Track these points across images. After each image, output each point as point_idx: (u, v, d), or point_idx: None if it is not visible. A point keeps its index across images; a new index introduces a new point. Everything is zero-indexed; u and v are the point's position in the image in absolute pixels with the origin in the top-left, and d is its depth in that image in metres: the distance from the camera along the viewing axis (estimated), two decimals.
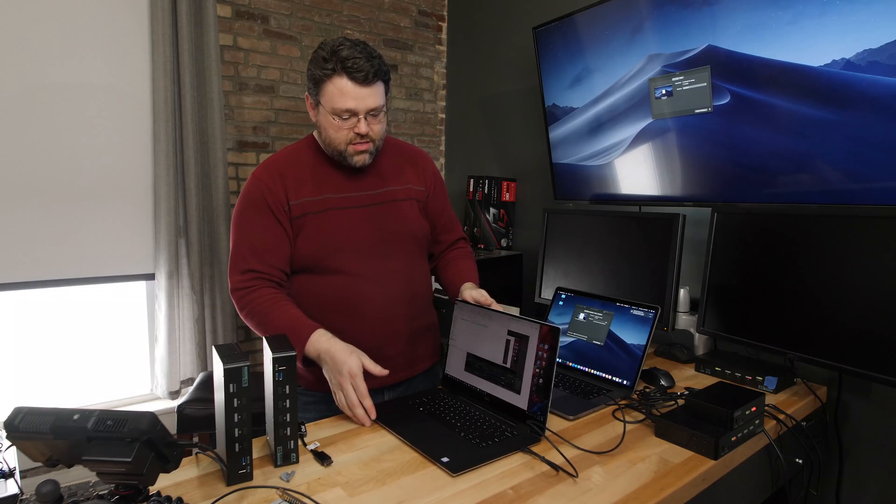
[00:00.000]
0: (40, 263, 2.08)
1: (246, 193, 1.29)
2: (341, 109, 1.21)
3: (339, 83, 1.19)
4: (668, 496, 0.94)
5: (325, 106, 1.23)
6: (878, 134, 1.34)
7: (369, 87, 1.21)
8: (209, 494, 0.89)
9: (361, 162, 1.28)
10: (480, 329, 1.28)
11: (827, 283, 1.31)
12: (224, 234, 2.35)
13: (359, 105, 1.21)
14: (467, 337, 1.31)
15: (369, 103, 1.22)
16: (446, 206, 1.51)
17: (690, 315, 1.76)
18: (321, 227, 1.27)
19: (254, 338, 2.59)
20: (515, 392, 1.16)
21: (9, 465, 0.98)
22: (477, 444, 1.06)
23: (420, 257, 1.42)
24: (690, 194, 1.79)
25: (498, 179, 2.61)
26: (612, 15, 1.88)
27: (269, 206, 1.26)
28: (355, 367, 1.13)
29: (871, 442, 1.53)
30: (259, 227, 1.26)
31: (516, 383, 1.17)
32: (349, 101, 1.20)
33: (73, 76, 2.09)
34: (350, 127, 1.23)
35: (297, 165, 1.31)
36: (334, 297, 1.29)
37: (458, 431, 1.11)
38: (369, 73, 1.19)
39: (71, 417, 0.69)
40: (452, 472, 0.97)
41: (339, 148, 1.26)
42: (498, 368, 1.21)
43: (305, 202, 1.28)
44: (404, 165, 1.42)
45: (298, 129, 2.65)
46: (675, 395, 1.32)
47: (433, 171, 1.48)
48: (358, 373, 1.14)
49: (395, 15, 2.93)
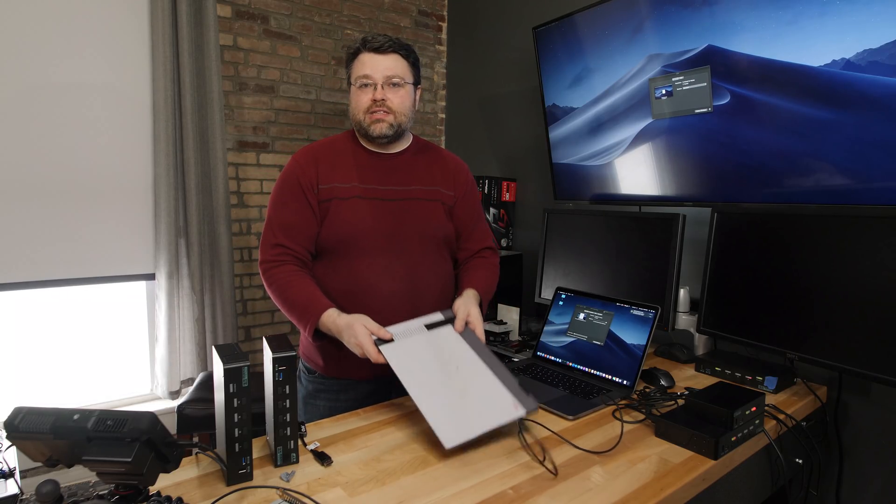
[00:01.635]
0: (40, 263, 2.08)
1: (283, 174, 1.38)
2: (360, 76, 1.34)
3: (361, 57, 1.35)
4: (668, 496, 0.94)
5: (353, 82, 1.36)
6: (878, 134, 1.34)
7: (384, 55, 1.33)
8: (209, 494, 0.89)
9: (379, 130, 1.35)
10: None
11: (827, 283, 1.31)
12: (224, 234, 2.35)
13: (374, 71, 1.32)
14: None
15: (385, 69, 1.33)
16: (475, 216, 1.52)
17: (690, 315, 1.76)
18: (343, 213, 1.34)
19: (254, 338, 2.59)
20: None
21: (9, 465, 0.97)
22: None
23: (438, 258, 1.42)
24: (690, 194, 1.79)
25: (498, 179, 2.61)
26: (612, 15, 1.87)
27: (302, 187, 1.34)
28: (360, 337, 1.18)
29: (871, 442, 1.53)
30: (291, 206, 1.34)
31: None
32: (367, 67, 1.33)
33: (73, 76, 2.09)
34: (369, 95, 1.34)
35: (333, 152, 1.39)
36: (342, 284, 1.34)
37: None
38: (385, 44, 1.33)
39: (71, 417, 0.69)
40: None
41: (359, 117, 1.36)
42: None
43: (334, 187, 1.35)
44: (438, 169, 1.45)
45: (298, 129, 2.66)
46: (675, 395, 1.32)
47: (466, 180, 1.50)
48: (363, 340, 1.18)
49: (395, 15, 2.93)
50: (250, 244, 2.55)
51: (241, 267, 2.53)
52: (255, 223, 2.56)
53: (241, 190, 2.51)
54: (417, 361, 1.18)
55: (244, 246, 2.54)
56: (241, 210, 2.52)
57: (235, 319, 2.44)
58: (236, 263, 2.49)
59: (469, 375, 1.17)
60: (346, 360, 1.34)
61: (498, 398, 1.12)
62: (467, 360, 1.20)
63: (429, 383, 1.13)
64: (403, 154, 1.43)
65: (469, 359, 1.21)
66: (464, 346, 1.24)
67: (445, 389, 1.13)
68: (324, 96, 2.71)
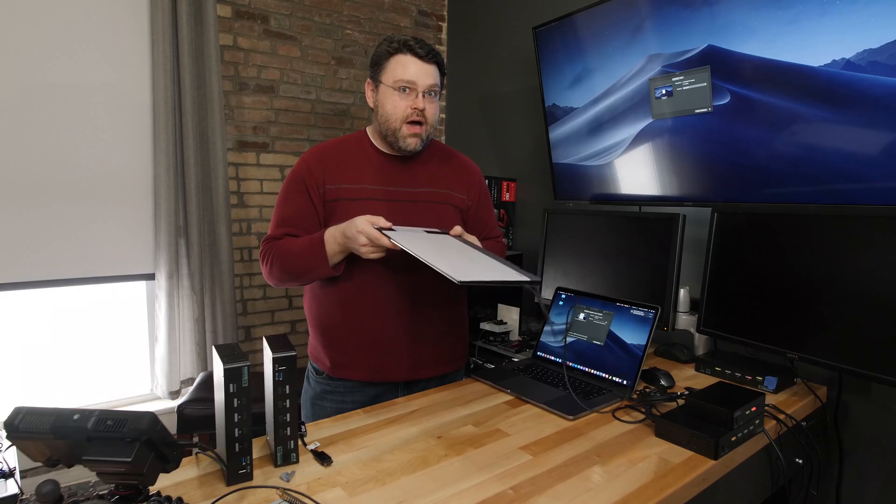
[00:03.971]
0: (40, 263, 2.08)
1: (291, 173, 1.38)
2: (404, 80, 1.29)
3: (402, 58, 1.30)
4: (668, 496, 0.94)
5: (387, 81, 1.31)
6: (878, 134, 1.34)
7: (429, 65, 1.31)
8: (209, 494, 0.89)
9: (413, 145, 1.33)
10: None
11: (827, 283, 1.31)
12: (224, 234, 2.35)
13: (419, 78, 1.29)
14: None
15: (428, 79, 1.30)
16: (489, 218, 1.54)
17: (690, 315, 1.76)
18: (351, 214, 1.32)
19: (254, 338, 2.59)
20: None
21: (9, 465, 0.97)
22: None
23: None
24: (690, 194, 1.79)
25: (498, 179, 2.61)
26: (612, 15, 1.87)
27: (307, 186, 1.34)
28: (361, 225, 1.18)
29: (871, 442, 1.53)
30: (293, 203, 1.35)
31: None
32: (411, 72, 1.29)
33: (73, 76, 2.09)
34: (409, 102, 1.30)
35: (342, 153, 1.39)
36: (350, 286, 1.34)
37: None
38: (430, 52, 1.31)
39: (71, 417, 0.69)
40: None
41: (395, 125, 1.32)
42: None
43: (342, 188, 1.34)
44: (450, 172, 1.45)
45: (298, 129, 2.66)
46: (675, 395, 1.32)
47: (479, 184, 1.51)
48: (365, 227, 1.17)
49: (395, 15, 2.93)
50: (250, 244, 2.55)
51: (241, 267, 2.53)
52: (255, 223, 2.56)
53: (241, 190, 2.51)
54: (423, 242, 1.17)
55: (244, 246, 2.54)
56: (241, 210, 2.52)
57: (235, 319, 2.44)
58: (236, 263, 2.49)
59: (473, 254, 1.18)
60: (354, 361, 1.34)
61: (504, 268, 1.13)
62: (469, 250, 1.22)
63: (437, 252, 1.12)
64: (417, 157, 1.42)
65: (470, 249, 1.22)
66: (464, 244, 1.25)
67: (455, 254, 1.14)
68: (324, 96, 2.71)
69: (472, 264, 1.10)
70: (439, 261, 1.04)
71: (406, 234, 1.21)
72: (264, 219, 2.57)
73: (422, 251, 1.08)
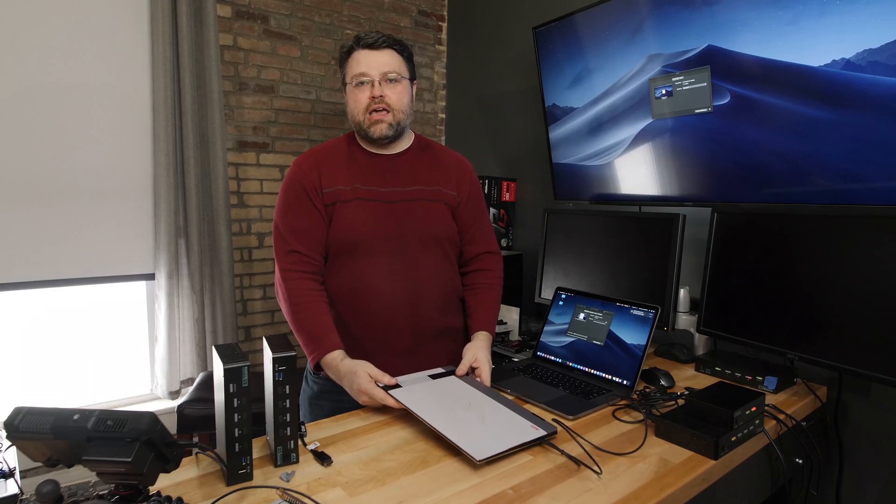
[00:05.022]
0: (40, 263, 2.08)
1: (286, 180, 1.38)
2: (355, 74, 1.32)
3: (355, 55, 1.34)
4: (668, 496, 0.94)
5: (348, 81, 1.35)
6: (878, 134, 1.34)
7: (379, 51, 1.32)
8: (209, 494, 0.89)
9: (380, 131, 1.33)
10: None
11: (827, 283, 1.31)
12: (224, 234, 2.35)
13: (370, 68, 1.31)
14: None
15: (381, 65, 1.31)
16: (479, 218, 1.51)
17: (690, 315, 1.76)
18: (346, 215, 1.34)
19: (254, 338, 2.59)
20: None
21: (9, 465, 0.97)
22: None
23: (441, 258, 1.42)
24: (690, 194, 1.79)
25: (498, 179, 2.61)
26: (612, 15, 1.87)
27: (307, 191, 1.34)
28: (364, 384, 1.19)
29: (871, 442, 1.53)
30: (298, 211, 1.34)
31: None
32: (362, 64, 1.32)
33: (73, 76, 2.09)
34: (367, 93, 1.32)
35: (334, 156, 1.39)
36: (346, 287, 1.34)
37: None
38: (378, 39, 1.32)
39: (71, 417, 0.69)
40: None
41: (359, 118, 1.34)
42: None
43: (337, 191, 1.35)
44: (441, 168, 1.44)
45: (298, 128, 2.66)
46: (675, 395, 1.32)
47: (470, 180, 1.49)
48: (368, 387, 1.18)
49: (395, 15, 2.93)
50: (250, 244, 2.55)
51: (241, 267, 2.53)
52: (255, 223, 2.56)
53: (241, 190, 2.51)
54: (429, 399, 1.17)
55: (244, 246, 2.54)
56: (241, 210, 2.52)
57: (235, 319, 2.44)
58: (236, 263, 2.49)
59: (483, 408, 1.16)
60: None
61: (516, 422, 1.11)
62: (477, 398, 1.21)
63: (446, 415, 1.12)
64: (405, 154, 1.42)
65: (478, 397, 1.21)
66: (470, 389, 1.25)
67: (465, 416, 1.12)
68: (324, 96, 2.71)
69: (488, 430, 1.08)
70: (455, 432, 1.05)
71: (412, 389, 1.21)
72: (264, 219, 2.57)
73: (435, 420, 1.09)
